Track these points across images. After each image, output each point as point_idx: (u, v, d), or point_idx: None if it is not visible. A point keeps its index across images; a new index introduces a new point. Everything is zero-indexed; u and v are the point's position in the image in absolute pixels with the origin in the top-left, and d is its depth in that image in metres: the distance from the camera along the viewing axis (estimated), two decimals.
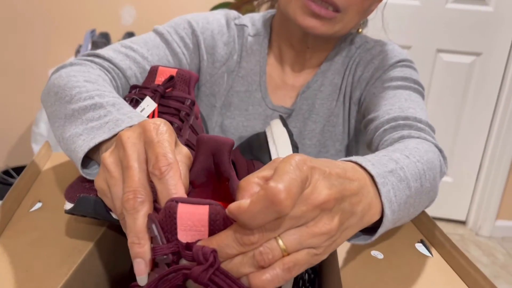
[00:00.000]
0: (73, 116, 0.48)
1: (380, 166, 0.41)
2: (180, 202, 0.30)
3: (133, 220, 0.32)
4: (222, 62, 0.76)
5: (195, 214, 0.30)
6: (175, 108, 0.56)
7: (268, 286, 0.29)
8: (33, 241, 0.46)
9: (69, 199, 0.45)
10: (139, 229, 0.32)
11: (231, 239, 0.29)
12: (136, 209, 0.32)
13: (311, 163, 0.31)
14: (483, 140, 2.21)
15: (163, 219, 0.30)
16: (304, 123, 0.77)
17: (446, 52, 2.08)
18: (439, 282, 0.43)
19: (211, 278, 0.28)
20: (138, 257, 0.32)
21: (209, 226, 0.30)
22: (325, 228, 0.31)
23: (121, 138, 0.36)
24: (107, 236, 0.50)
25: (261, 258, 0.29)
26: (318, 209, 0.31)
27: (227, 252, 0.30)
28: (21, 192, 0.55)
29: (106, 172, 0.36)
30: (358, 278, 0.42)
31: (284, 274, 0.30)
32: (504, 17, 2.00)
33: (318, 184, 0.31)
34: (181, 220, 0.30)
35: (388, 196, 0.40)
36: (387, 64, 0.71)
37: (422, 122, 0.61)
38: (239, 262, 0.30)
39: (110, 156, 0.37)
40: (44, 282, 0.39)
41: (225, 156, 0.38)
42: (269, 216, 0.28)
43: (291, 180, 0.28)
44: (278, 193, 0.27)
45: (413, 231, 0.53)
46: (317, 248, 0.32)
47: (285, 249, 0.30)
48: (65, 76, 0.56)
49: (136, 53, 0.67)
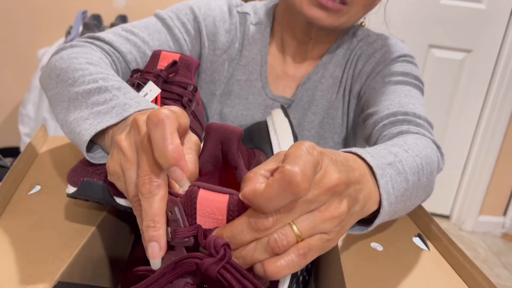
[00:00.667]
0: (77, 99, 0.47)
1: (379, 158, 0.42)
2: (201, 187, 0.30)
3: (149, 204, 0.32)
4: (223, 50, 0.75)
5: (214, 201, 0.30)
6: (178, 94, 0.56)
7: (283, 272, 0.30)
8: (33, 224, 0.45)
9: (72, 183, 0.45)
10: (155, 213, 0.32)
11: (245, 225, 0.30)
12: (152, 193, 0.32)
13: (319, 148, 0.32)
14: (469, 136, 2.24)
15: (183, 203, 0.31)
16: (304, 114, 0.77)
17: (438, 47, 2.10)
18: (436, 275, 0.44)
19: (220, 271, 0.28)
20: (153, 241, 0.32)
21: (227, 215, 0.30)
22: (337, 212, 0.32)
23: (137, 122, 0.36)
24: (107, 220, 0.49)
25: (275, 245, 0.29)
26: (330, 193, 0.31)
27: (242, 238, 0.30)
28: (18, 175, 0.54)
29: (121, 155, 0.36)
30: (359, 268, 0.43)
31: (299, 260, 0.30)
32: (495, 15, 2.02)
33: (328, 169, 0.32)
34: (200, 206, 0.30)
35: (386, 187, 0.40)
36: (388, 59, 0.72)
37: (421, 118, 0.61)
38: (253, 249, 0.30)
39: (126, 139, 0.37)
40: (46, 265, 0.39)
41: (233, 145, 0.38)
42: (285, 199, 0.28)
43: (306, 163, 0.28)
44: (295, 175, 0.27)
45: (411, 225, 0.54)
46: (328, 233, 0.32)
47: (299, 234, 0.30)
48: (66, 58, 0.55)
49: (137, 37, 0.66)
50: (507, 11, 2.01)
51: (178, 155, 0.32)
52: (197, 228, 0.30)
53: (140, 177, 0.33)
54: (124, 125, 0.41)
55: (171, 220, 0.32)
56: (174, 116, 0.34)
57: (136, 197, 0.35)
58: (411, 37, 2.05)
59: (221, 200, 0.30)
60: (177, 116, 0.35)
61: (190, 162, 0.38)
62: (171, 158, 0.31)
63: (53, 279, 0.37)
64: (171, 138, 0.32)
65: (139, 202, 0.34)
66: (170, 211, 0.31)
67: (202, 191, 0.30)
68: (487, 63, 2.11)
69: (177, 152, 0.32)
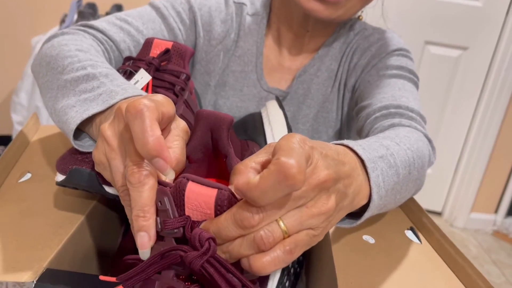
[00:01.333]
0: (65, 87, 0.46)
1: (371, 151, 0.42)
2: (190, 180, 0.30)
3: (138, 193, 0.32)
4: (219, 40, 0.74)
5: (202, 195, 0.30)
6: (170, 82, 0.55)
7: (269, 268, 0.29)
8: (23, 212, 0.45)
9: (61, 171, 0.44)
10: (144, 202, 0.31)
11: (231, 222, 0.29)
12: (141, 182, 0.32)
13: (310, 143, 0.31)
14: (463, 134, 2.26)
15: (172, 194, 0.30)
16: (298, 107, 0.77)
17: (434, 44, 2.10)
18: (427, 269, 0.44)
19: (204, 265, 0.28)
20: (142, 231, 0.31)
21: (215, 210, 0.30)
22: (324, 208, 0.31)
23: (122, 111, 0.35)
24: (97, 209, 0.49)
25: (261, 242, 0.29)
26: (317, 189, 0.31)
27: (227, 234, 0.30)
28: (9, 162, 0.54)
29: (106, 145, 0.35)
30: (350, 261, 0.43)
31: (285, 256, 0.30)
32: (492, 13, 2.02)
33: (318, 164, 0.31)
34: (188, 199, 0.30)
35: (377, 181, 0.40)
36: (384, 52, 0.71)
37: (414, 111, 0.61)
38: (239, 244, 0.30)
39: (109, 128, 0.36)
40: (36, 252, 0.38)
41: (224, 133, 0.38)
42: (280, 192, 0.27)
43: (300, 156, 0.28)
44: (291, 167, 0.26)
45: (403, 218, 0.54)
46: (315, 229, 0.32)
47: (286, 230, 0.30)
48: (57, 45, 0.54)
49: (130, 26, 0.65)
50: (503, 9, 2.02)
51: (160, 147, 0.31)
52: (186, 219, 0.30)
53: (128, 167, 0.33)
54: (110, 113, 0.41)
55: (161, 211, 0.31)
56: (154, 105, 0.33)
57: (123, 187, 0.34)
58: (407, 33, 2.05)
59: (209, 194, 0.30)
60: (158, 105, 0.34)
61: (178, 148, 0.37)
62: (152, 150, 0.31)
63: (42, 266, 0.37)
64: (151, 130, 0.31)
65: (127, 192, 0.34)
66: (160, 201, 0.31)
67: (191, 184, 0.30)
68: (482, 61, 2.11)
69: (158, 144, 0.31)
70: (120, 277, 0.31)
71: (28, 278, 0.35)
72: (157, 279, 0.30)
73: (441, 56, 2.11)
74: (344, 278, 0.40)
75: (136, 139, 0.31)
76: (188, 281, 0.31)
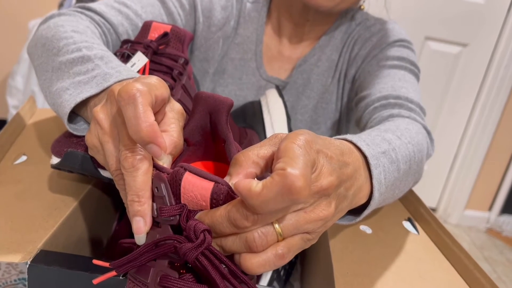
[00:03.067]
0: (60, 69, 0.46)
1: (374, 146, 0.41)
2: (188, 170, 0.29)
3: (132, 178, 0.31)
4: (219, 27, 0.73)
5: (199, 187, 0.29)
6: (168, 66, 0.54)
7: (258, 270, 0.29)
8: (18, 193, 0.44)
9: (56, 154, 0.44)
10: (139, 187, 0.31)
11: (225, 219, 0.28)
12: (135, 167, 0.31)
13: (316, 145, 0.30)
14: (460, 131, 2.26)
15: (169, 182, 0.30)
16: (298, 98, 0.76)
17: (434, 40, 2.09)
18: (424, 259, 0.44)
19: (198, 257, 0.28)
20: (137, 216, 0.31)
21: (210, 203, 0.29)
22: (323, 214, 0.31)
23: (114, 94, 0.34)
24: (92, 193, 0.49)
25: (253, 244, 0.28)
26: (318, 195, 0.30)
27: (221, 230, 0.29)
28: (5, 144, 0.53)
29: (99, 128, 0.35)
30: (347, 251, 0.42)
31: (276, 260, 0.29)
32: (493, 10, 2.02)
33: (323, 170, 0.30)
34: (184, 189, 0.29)
35: (379, 178, 0.39)
36: (385, 43, 0.71)
37: (413, 102, 0.61)
38: (231, 241, 0.29)
39: (102, 111, 0.35)
40: (29, 233, 0.38)
41: (223, 116, 0.37)
42: (282, 204, 0.26)
43: (305, 166, 0.26)
44: (296, 180, 0.25)
45: (401, 209, 0.54)
46: (311, 233, 0.31)
47: (281, 233, 0.29)
48: (53, 26, 0.53)
49: (129, 10, 0.64)
50: (505, 6, 2.01)
51: (153, 133, 0.30)
52: (182, 207, 0.29)
53: (121, 151, 0.32)
54: (104, 96, 0.40)
55: (157, 197, 0.31)
56: (147, 90, 0.32)
57: (117, 171, 0.34)
58: (408, 28, 2.04)
59: (206, 187, 0.29)
60: (151, 89, 0.33)
61: (174, 132, 0.36)
62: (146, 137, 0.30)
63: (36, 247, 0.36)
64: (144, 116, 0.30)
65: (121, 176, 0.33)
66: (157, 187, 0.30)
67: (188, 174, 0.29)
68: (482, 58, 2.11)
69: (151, 131, 0.30)
70: (113, 263, 0.30)
71: (22, 259, 0.35)
72: (152, 266, 0.30)
73: (441, 52, 2.11)
74: (340, 268, 0.40)
75: (129, 125, 0.30)
76: (183, 268, 0.30)
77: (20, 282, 0.41)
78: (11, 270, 0.40)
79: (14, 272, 0.40)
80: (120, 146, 0.33)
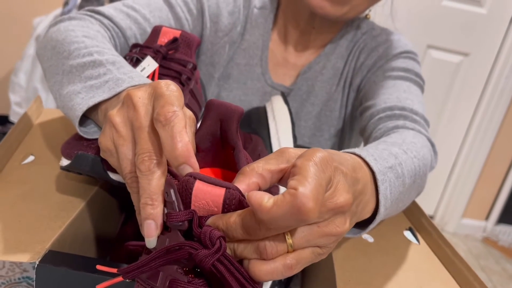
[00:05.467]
0: (71, 72, 0.46)
1: (381, 161, 0.41)
2: (198, 179, 0.30)
3: (147, 181, 0.32)
4: (225, 32, 0.74)
5: (210, 194, 0.30)
6: (177, 71, 0.55)
7: (266, 277, 0.29)
8: (25, 194, 0.45)
9: (66, 156, 0.44)
10: (154, 191, 0.31)
11: (239, 226, 0.29)
12: (151, 170, 0.32)
13: (333, 162, 0.31)
14: (459, 139, 2.27)
15: (178, 191, 0.30)
16: (302, 105, 0.77)
17: (436, 48, 2.11)
18: (424, 269, 0.44)
19: (214, 264, 0.28)
20: (149, 219, 0.31)
21: (222, 209, 0.30)
22: (336, 231, 0.31)
23: (132, 98, 0.35)
24: (99, 195, 0.49)
25: (264, 252, 0.29)
26: (333, 212, 0.30)
27: (234, 235, 0.30)
28: (12, 144, 0.54)
29: (114, 132, 0.35)
30: (349, 259, 0.43)
31: (284, 271, 0.29)
32: (495, 21, 2.03)
33: (339, 187, 0.31)
34: (195, 197, 0.30)
35: (385, 193, 0.40)
36: (391, 54, 0.71)
37: (418, 114, 0.61)
38: (243, 247, 0.30)
39: (118, 115, 0.36)
40: (37, 233, 0.39)
41: (233, 124, 0.37)
42: (291, 222, 0.27)
43: (319, 187, 0.27)
44: (307, 202, 0.25)
45: (402, 218, 0.54)
46: (322, 248, 0.31)
47: (292, 244, 0.29)
48: (63, 30, 0.54)
49: (137, 14, 0.65)
50: (507, 17, 2.02)
51: (188, 153, 0.31)
52: (191, 213, 0.30)
53: (139, 154, 0.33)
54: (116, 101, 0.40)
55: (167, 202, 0.31)
56: (182, 114, 0.33)
57: (131, 174, 0.34)
58: (410, 35, 2.05)
59: (218, 194, 0.29)
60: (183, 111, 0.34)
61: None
62: (180, 157, 0.31)
63: (44, 248, 0.37)
64: (180, 136, 0.31)
65: (134, 179, 0.34)
66: (167, 193, 0.31)
67: (198, 183, 0.30)
68: (483, 68, 2.12)
69: (186, 150, 0.31)
70: (121, 269, 0.31)
71: (30, 259, 0.35)
72: (161, 270, 0.30)
73: (442, 61, 2.12)
74: (342, 275, 0.41)
75: (165, 145, 0.32)
76: (192, 273, 0.31)
77: (23, 281, 0.42)
78: (15, 269, 0.41)
79: (18, 270, 0.41)
80: (137, 149, 0.33)
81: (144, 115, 0.34)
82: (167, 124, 0.32)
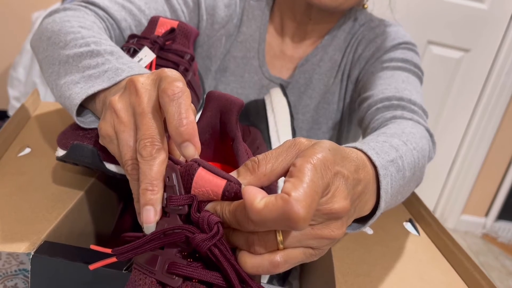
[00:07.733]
0: (68, 63, 0.46)
1: (383, 154, 0.41)
2: (201, 165, 0.30)
3: (149, 166, 0.31)
4: (222, 25, 0.74)
5: (211, 183, 0.29)
6: (174, 62, 0.55)
7: (251, 270, 0.29)
8: (21, 185, 0.45)
9: (62, 146, 0.44)
10: (155, 176, 0.31)
11: (231, 216, 0.29)
12: (153, 156, 0.32)
13: (334, 165, 0.30)
14: (459, 136, 2.26)
15: (180, 175, 0.30)
16: (299, 97, 0.76)
17: (436, 44, 2.10)
18: (424, 260, 0.44)
19: (211, 248, 0.28)
20: (149, 205, 0.31)
21: (221, 199, 0.30)
22: (331, 235, 0.30)
23: (135, 84, 0.35)
24: (96, 186, 0.49)
25: (252, 245, 0.29)
26: (327, 216, 0.30)
27: (227, 222, 0.30)
28: (9, 136, 0.53)
29: (115, 118, 0.35)
30: (348, 251, 0.43)
31: (270, 268, 0.29)
32: (496, 17, 2.02)
33: (337, 193, 0.30)
34: (196, 184, 0.30)
35: (386, 188, 0.39)
36: (389, 45, 0.71)
37: (416, 104, 0.61)
38: (236, 236, 0.30)
39: (120, 101, 0.35)
40: (33, 224, 0.38)
41: (233, 116, 0.37)
42: (279, 226, 0.26)
43: (314, 194, 0.26)
44: (298, 210, 0.25)
45: (402, 210, 0.54)
46: (315, 249, 0.31)
47: (282, 241, 0.29)
48: (58, 21, 0.53)
49: (133, 5, 0.64)
50: (508, 13, 2.01)
51: (193, 131, 0.32)
52: (192, 198, 0.30)
53: (140, 140, 0.32)
54: (115, 89, 0.40)
55: (168, 186, 0.31)
56: (188, 92, 0.33)
57: (130, 161, 0.34)
58: (410, 31, 2.03)
59: (218, 184, 0.29)
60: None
61: None
62: (185, 133, 0.31)
63: (40, 238, 0.36)
64: (186, 113, 0.32)
65: (134, 165, 0.34)
66: (168, 177, 0.31)
67: (201, 170, 0.30)
68: (483, 64, 2.11)
69: (192, 128, 0.31)
70: (115, 249, 0.30)
71: (26, 249, 0.35)
72: (160, 254, 0.30)
73: (442, 57, 2.11)
74: (341, 267, 0.40)
75: (170, 121, 0.32)
76: (191, 257, 0.30)
77: (20, 273, 0.41)
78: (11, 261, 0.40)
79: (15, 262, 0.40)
80: (139, 135, 0.33)
81: (147, 100, 0.34)
82: (174, 100, 0.32)
